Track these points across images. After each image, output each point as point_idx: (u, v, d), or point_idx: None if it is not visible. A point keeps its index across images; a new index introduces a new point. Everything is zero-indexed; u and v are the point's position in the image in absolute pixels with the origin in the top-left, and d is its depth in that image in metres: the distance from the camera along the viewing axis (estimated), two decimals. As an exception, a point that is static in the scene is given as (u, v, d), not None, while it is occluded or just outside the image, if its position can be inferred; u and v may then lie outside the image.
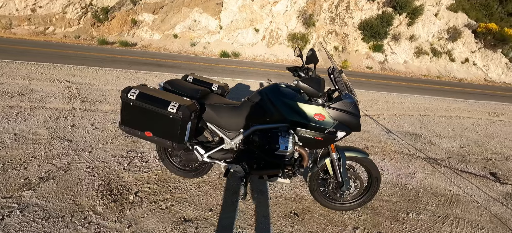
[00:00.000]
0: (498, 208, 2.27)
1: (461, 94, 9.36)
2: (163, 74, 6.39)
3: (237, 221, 1.74)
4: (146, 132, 1.63)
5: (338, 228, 1.79)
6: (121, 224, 1.60)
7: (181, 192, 1.98)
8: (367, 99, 6.36)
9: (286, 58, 14.29)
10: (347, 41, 16.14)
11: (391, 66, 15.32)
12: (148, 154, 2.47)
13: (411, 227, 1.90)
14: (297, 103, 1.59)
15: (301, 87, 1.56)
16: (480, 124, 5.11)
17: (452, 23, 16.17)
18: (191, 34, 14.05)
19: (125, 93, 1.57)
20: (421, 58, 15.75)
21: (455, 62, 15.56)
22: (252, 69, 9.35)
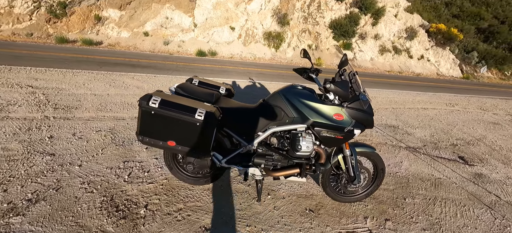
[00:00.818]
0: (471, 187, 2.63)
1: (421, 87, 10.49)
2: (140, 75, 5.98)
3: (258, 223, 1.74)
4: (169, 141, 1.53)
5: (351, 219, 1.90)
6: (137, 241, 1.49)
7: (194, 200, 1.90)
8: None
9: (263, 57, 14.41)
10: (319, 40, 16.86)
11: (360, 63, 16.46)
12: (147, 163, 2.31)
13: (410, 210, 2.10)
14: (317, 104, 1.64)
15: (333, 90, 1.58)
16: (441, 114, 5.80)
17: (409, 23, 17.91)
18: (163, 32, 13.34)
19: (146, 101, 1.45)
20: (384, 55, 17.19)
21: (412, 59, 17.30)
22: (232, 68, 9.25)
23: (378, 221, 1.93)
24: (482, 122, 5.46)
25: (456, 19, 19.63)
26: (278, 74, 9.29)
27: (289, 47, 15.94)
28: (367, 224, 1.88)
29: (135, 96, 4.28)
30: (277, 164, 1.81)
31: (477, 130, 4.80)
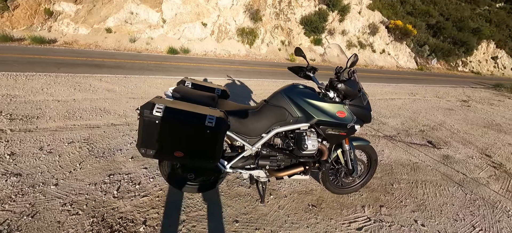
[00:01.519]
0: (443, 168, 2.96)
1: (385, 79, 11.44)
2: (108, 76, 5.44)
3: (266, 225, 1.72)
4: (176, 152, 1.40)
5: (351, 210, 2.00)
6: (141, 262, 1.36)
7: (196, 209, 1.79)
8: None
9: (237, 54, 14.26)
10: (292, 36, 17.25)
11: (329, 58, 17.30)
12: (136, 174, 2.12)
13: (399, 195, 2.28)
14: (321, 103, 1.66)
15: (343, 89, 1.61)
16: (407, 103, 6.40)
17: (371, 20, 19.29)
18: (128, 28, 12.33)
19: (149, 109, 1.30)
20: (351, 50, 18.29)
21: (375, 53, 18.73)
22: (207, 66, 8.99)
23: (374, 208, 2.06)
24: (440, 109, 6.17)
25: (410, 16, 21.70)
26: (255, 71, 9.29)
27: (263, 43, 16.01)
28: (365, 212, 1.99)
29: (107, 100, 3.89)
30: (281, 164, 1.80)
31: (437, 116, 5.41)
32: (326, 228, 1.78)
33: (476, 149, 3.69)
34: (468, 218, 2.08)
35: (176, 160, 1.45)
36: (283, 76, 8.76)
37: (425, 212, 2.10)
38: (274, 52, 15.95)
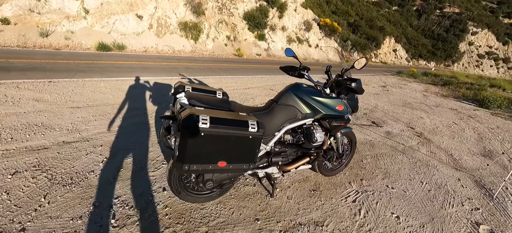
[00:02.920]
0: (389, 141, 3.72)
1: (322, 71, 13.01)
2: (26, 82, 4.26)
3: (284, 216, 1.82)
4: (219, 163, 1.30)
5: (342, 187, 2.32)
6: None
7: (214, 218, 1.73)
8: (277, 83, 7.50)
9: (182, 49, 13.39)
10: (236, 31, 17.34)
11: (274, 52, 18.31)
12: (127, 195, 1.84)
13: (369, 168, 2.77)
14: (325, 99, 1.85)
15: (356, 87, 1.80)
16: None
17: (305, 17, 21.31)
18: (36, 19, 9.78)
19: (194, 122, 1.16)
20: (291, 45, 19.83)
21: (311, 47, 20.90)
22: (153, 65, 8.17)
23: (357, 182, 2.45)
24: (370, 94, 7.55)
25: (334, 15, 25.03)
26: (207, 68, 9.01)
27: (208, 38, 15.53)
28: (353, 187, 2.36)
29: (42, 113, 3.10)
30: (289, 158, 1.93)
31: (371, 100, 6.63)
32: (331, 207, 2.02)
33: (403, 124, 4.77)
34: (416, 177, 2.74)
35: (217, 171, 1.36)
36: (237, 72, 8.82)
37: (390, 177, 2.64)
38: (221, 47, 15.72)
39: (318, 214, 1.92)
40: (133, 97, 4.16)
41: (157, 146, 2.63)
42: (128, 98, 4.07)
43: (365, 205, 2.11)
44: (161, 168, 2.25)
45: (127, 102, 3.88)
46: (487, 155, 3.67)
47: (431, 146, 3.74)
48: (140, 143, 2.65)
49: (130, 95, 4.26)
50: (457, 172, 2.98)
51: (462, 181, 2.76)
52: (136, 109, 3.64)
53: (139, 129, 3.00)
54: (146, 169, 2.20)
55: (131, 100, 4.00)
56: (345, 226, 1.84)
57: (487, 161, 3.44)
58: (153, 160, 2.37)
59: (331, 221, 1.87)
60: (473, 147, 3.97)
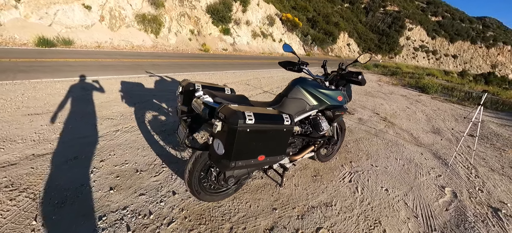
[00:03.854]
0: (363, 127, 4.17)
1: (290, 64, 13.55)
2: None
3: (297, 202, 1.94)
4: (259, 157, 1.31)
5: (337, 170, 2.55)
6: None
7: (234, 213, 1.73)
8: (251, 78, 7.59)
9: (142, 45, 12.36)
10: (200, 25, 16.72)
11: (240, 47, 18.24)
12: (136, 204, 1.71)
13: (354, 151, 3.09)
14: (329, 91, 2.00)
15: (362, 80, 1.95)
16: (316, 83, 8.07)
17: (268, 12, 21.68)
18: None
19: (242, 119, 1.16)
20: (256, 39, 20.04)
21: (275, 42, 21.45)
22: (113, 62, 7.40)
23: (348, 164, 2.72)
24: (336, 84, 8.22)
25: (294, 10, 26.05)
26: (174, 64, 8.55)
27: (170, 32, 14.65)
28: (346, 169, 2.61)
29: (-6, 123, 2.58)
30: (297, 148, 2.04)
31: (338, 90, 7.24)
32: (334, 188, 2.22)
33: (370, 110, 5.37)
34: (391, 155, 3.17)
35: (257, 165, 1.37)
36: (208, 67, 8.60)
37: (372, 158, 2.99)
38: (185, 42, 15.00)
39: (325, 196, 2.09)
40: (102, 99, 3.73)
41: (150, 149, 2.46)
42: (97, 100, 3.64)
43: (359, 183, 2.38)
44: (163, 171, 2.13)
45: (97, 104, 3.47)
46: (436, 132, 4.43)
47: (396, 128, 4.33)
48: (129, 147, 2.44)
49: (98, 96, 3.81)
50: (419, 148, 3.54)
51: (424, 155, 3.31)
52: (112, 111, 3.29)
53: (124, 132, 2.75)
54: (146, 175, 2.05)
55: (102, 102, 3.59)
56: (349, 203, 2.05)
57: (437, 137, 4.16)
58: (150, 164, 2.22)
59: (337, 200, 2.06)
60: (425, 126, 4.74)
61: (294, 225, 1.73)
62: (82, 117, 3.00)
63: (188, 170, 1.56)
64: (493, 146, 4.01)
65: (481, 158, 3.41)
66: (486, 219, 2.09)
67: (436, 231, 1.88)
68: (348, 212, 1.95)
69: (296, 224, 1.74)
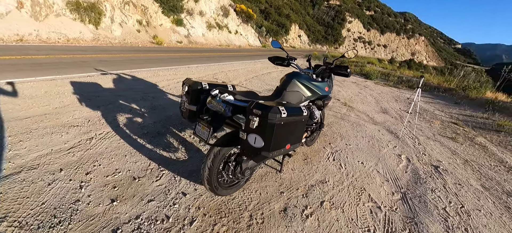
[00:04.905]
0: (331, 112, 4.69)
1: (250, 57, 13.74)
2: None
3: (298, 183, 2.15)
4: (286, 145, 1.42)
5: (322, 152, 2.88)
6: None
7: (248, 203, 1.83)
8: (217, 72, 7.49)
9: (80, 37, 10.66)
10: (148, 15, 15.30)
11: (195, 39, 17.44)
12: (148, 212, 1.63)
13: (330, 134, 3.50)
14: (319, 83, 2.23)
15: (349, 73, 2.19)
16: (280, 75, 8.47)
17: (222, 2, 21.18)
18: None
19: (278, 114, 1.27)
20: (212, 31, 19.46)
21: (232, 34, 21.23)
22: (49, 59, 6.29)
23: (328, 146, 3.09)
24: (297, 75, 8.80)
25: (247, 1, 26.09)
26: (127, 59, 7.77)
27: (114, 23, 13.01)
28: (327, 150, 2.97)
29: None
30: None
31: (300, 80, 7.80)
32: (323, 168, 2.53)
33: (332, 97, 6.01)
34: (358, 134, 3.71)
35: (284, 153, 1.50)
36: (166, 62, 8.08)
37: (344, 138, 3.46)
38: (133, 34, 13.56)
39: (319, 175, 2.37)
40: (55, 104, 3.21)
41: (139, 155, 2.31)
42: (49, 105, 3.12)
43: (341, 160, 2.76)
44: (163, 175, 2.05)
45: (52, 111, 2.98)
46: (384, 111, 5.32)
47: (355, 111, 5.01)
48: (114, 155, 2.24)
49: (48, 101, 3.25)
50: (375, 126, 4.23)
51: (381, 131, 3.98)
52: (74, 117, 2.88)
53: (100, 140, 2.47)
54: (146, 180, 1.95)
55: (57, 108, 3.10)
56: (338, 178, 2.39)
57: (386, 115, 5.01)
58: (146, 169, 2.10)
59: (329, 177, 2.37)
60: (375, 107, 5.61)
61: (302, 203, 1.95)
62: (40, 127, 2.55)
63: (207, 167, 1.58)
64: (425, 119, 5.07)
65: (419, 129, 4.30)
66: (432, 174, 2.73)
67: (403, 188, 2.38)
68: (340, 185, 2.27)
69: (303, 202, 1.96)
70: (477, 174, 2.88)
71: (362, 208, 2.00)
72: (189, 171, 2.15)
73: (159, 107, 3.66)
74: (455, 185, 2.57)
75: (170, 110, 3.59)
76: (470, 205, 2.25)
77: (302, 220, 1.76)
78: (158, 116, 3.30)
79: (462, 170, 2.94)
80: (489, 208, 2.24)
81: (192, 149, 2.57)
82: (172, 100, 4.13)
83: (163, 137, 2.74)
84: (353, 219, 1.86)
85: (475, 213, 2.14)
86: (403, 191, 2.33)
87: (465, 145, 3.79)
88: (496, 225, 2.03)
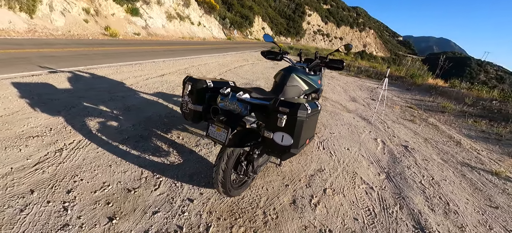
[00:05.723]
0: (307, 102, 4.89)
1: (216, 50, 13.33)
2: None
3: (300, 174, 2.21)
4: (307, 140, 1.39)
5: (312, 143, 3.01)
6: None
7: (258, 200, 1.80)
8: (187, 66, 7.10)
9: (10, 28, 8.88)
10: (97, 3, 13.53)
11: (155, 31, 16.10)
12: (153, 224, 1.48)
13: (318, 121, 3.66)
14: (314, 77, 2.28)
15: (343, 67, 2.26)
16: (251, 68, 8.45)
17: (182, -8, 19.85)
18: None
19: (305, 110, 1.30)
20: (173, 22, 18.21)
21: (194, 25, 20.21)
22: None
23: (316, 136, 3.24)
24: (269, 68, 8.91)
25: (209, -9, 24.94)
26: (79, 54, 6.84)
27: (54, 11, 11.20)
28: (316, 140, 3.11)
29: None
30: None
31: (272, 72, 7.91)
32: (317, 157, 2.64)
33: (305, 87, 6.27)
34: (338, 122, 3.97)
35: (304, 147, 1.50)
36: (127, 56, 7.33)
37: (328, 127, 3.66)
38: (80, 25, 11.87)
39: (315, 165, 2.47)
40: None
41: (126, 163, 2.07)
42: (-2, 114, 2.55)
43: (330, 148, 2.93)
44: (161, 183, 1.87)
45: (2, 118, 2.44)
46: (353, 100, 5.79)
47: (330, 101, 5.34)
48: (96, 166, 1.96)
49: (-6, 108, 2.65)
50: (350, 114, 4.59)
51: (355, 119, 4.33)
52: (30, 126, 2.42)
53: (73, 150, 2.13)
54: (144, 191, 1.76)
55: (2, 116, 2.55)
56: (332, 165, 2.53)
57: (356, 104, 5.46)
58: (139, 179, 1.89)
59: (324, 166, 2.49)
60: (345, 96, 6.07)
61: (307, 192, 2.01)
62: (-12, 140, 2.07)
63: (221, 169, 1.50)
64: (387, 105, 5.70)
65: (385, 115, 4.82)
66: (404, 153, 3.11)
67: (385, 168, 2.65)
68: (335, 172, 2.42)
69: (308, 191, 2.03)
70: (436, 150, 3.39)
71: (358, 190, 2.17)
72: (189, 174, 2.02)
73: (134, 108, 3.31)
74: (423, 161, 2.98)
75: (148, 111, 3.28)
76: (437, 176, 2.64)
77: (312, 209, 1.82)
78: (136, 118, 2.99)
79: (425, 148, 3.41)
80: (451, 177, 2.66)
81: (184, 150, 2.40)
82: (146, 99, 3.77)
83: (148, 140, 2.50)
84: (354, 201, 2.01)
85: (443, 183, 2.52)
86: (386, 171, 2.60)
87: (422, 126, 4.40)
88: (458, 190, 2.43)
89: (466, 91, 7.24)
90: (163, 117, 3.17)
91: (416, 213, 1.98)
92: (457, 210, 2.10)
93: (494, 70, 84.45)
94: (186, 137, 2.70)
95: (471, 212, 2.11)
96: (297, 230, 1.62)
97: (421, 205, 2.09)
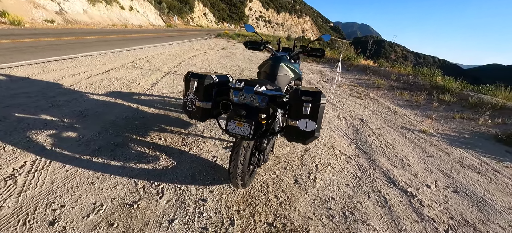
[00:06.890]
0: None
1: (158, 39, 12.08)
2: None
3: (292, 156, 2.39)
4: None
5: (290, 126, 3.23)
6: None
7: (266, 185, 1.88)
8: (134, 59, 6.31)
9: None
10: (-19, -21, 10.28)
11: (74, 17, 13.32)
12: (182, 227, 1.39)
13: (286, 109, 3.91)
14: (296, 65, 2.42)
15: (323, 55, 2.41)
16: (205, 58, 8.10)
17: (105, -30, 16.82)
18: None
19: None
20: (98, 7, 15.43)
21: (125, 10, 17.62)
22: None
23: (291, 120, 3.48)
24: (224, 57, 8.72)
25: (138, -29, 21.91)
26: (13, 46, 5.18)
27: None
28: (293, 123, 3.35)
29: None
30: None
31: (229, 62, 7.81)
32: (300, 139, 2.88)
33: (265, 74, 6.47)
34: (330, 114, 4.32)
35: None
36: (46, 51, 5.99)
37: (297, 110, 3.96)
38: None
39: (301, 146, 2.70)
40: None
41: (113, 177, 1.80)
42: None
43: (323, 139, 3.22)
44: (164, 190, 1.73)
45: None
46: (310, 83, 6.34)
47: (290, 85, 5.70)
48: (78, 188, 1.64)
49: None
50: (311, 95, 5.03)
51: (316, 99, 4.80)
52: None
53: (35, 173, 1.72)
54: (148, 203, 1.60)
55: None
56: (314, 143, 2.80)
57: (312, 86, 6.01)
58: (137, 191, 1.69)
59: (309, 145, 2.75)
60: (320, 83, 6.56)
61: (303, 171, 2.21)
62: None
63: (240, 163, 1.50)
64: (337, 86, 6.48)
65: (338, 94, 5.50)
66: (363, 125, 3.70)
67: (354, 140, 3.12)
68: (318, 149, 2.70)
69: (303, 170, 2.23)
70: (382, 119, 4.15)
71: (341, 161, 2.51)
72: (190, 175, 1.92)
73: (90, 113, 2.81)
74: (377, 129, 3.62)
75: (109, 114, 2.85)
76: (389, 140, 3.28)
77: (313, 184, 2.03)
78: (98, 124, 2.56)
79: (374, 118, 4.13)
80: (398, 139, 3.35)
81: (173, 152, 2.24)
82: (100, 101, 3.23)
83: (126, 148, 2.21)
84: (341, 170, 2.33)
85: (394, 144, 3.15)
86: (355, 142, 3.06)
87: (367, 100, 5.25)
88: (405, 148, 3.09)
89: (390, 69, 8.90)
90: (131, 119, 2.81)
91: (385, 171, 2.44)
92: (409, 163, 2.69)
93: (400, 50, 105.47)
94: (168, 137, 2.50)
95: (417, 162, 2.74)
96: (307, 204, 1.79)
97: (386, 164, 2.59)
